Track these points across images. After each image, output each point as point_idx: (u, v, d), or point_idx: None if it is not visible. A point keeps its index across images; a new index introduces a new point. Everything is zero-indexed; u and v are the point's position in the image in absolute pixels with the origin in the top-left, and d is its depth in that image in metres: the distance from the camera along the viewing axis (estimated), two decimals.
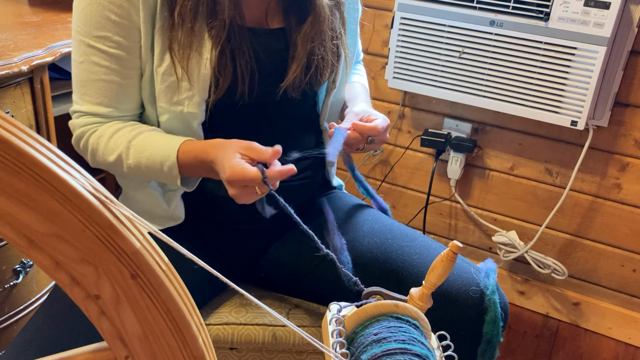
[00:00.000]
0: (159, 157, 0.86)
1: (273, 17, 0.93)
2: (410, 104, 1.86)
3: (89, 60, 0.87)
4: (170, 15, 0.84)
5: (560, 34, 1.45)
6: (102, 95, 0.88)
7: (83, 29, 0.86)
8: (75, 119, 0.92)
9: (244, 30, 0.88)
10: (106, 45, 0.85)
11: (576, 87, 1.48)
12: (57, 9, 1.48)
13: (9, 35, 1.22)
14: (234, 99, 0.89)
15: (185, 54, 0.85)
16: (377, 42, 1.83)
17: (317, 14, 0.91)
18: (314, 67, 0.94)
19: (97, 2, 0.84)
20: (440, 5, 1.59)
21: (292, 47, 0.93)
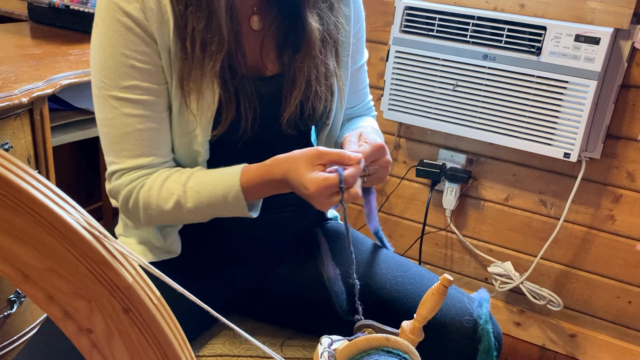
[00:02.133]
0: (221, 191, 0.85)
1: (268, 60, 0.95)
2: (405, 134, 1.88)
3: (120, 113, 0.84)
4: (181, 50, 0.84)
5: (552, 68, 1.48)
6: (141, 145, 0.85)
7: (108, 83, 0.83)
8: (116, 180, 0.88)
9: (246, 76, 0.90)
10: (136, 94, 0.84)
11: (568, 119, 1.50)
12: (58, 42, 1.51)
13: (11, 68, 1.25)
14: (236, 136, 0.90)
15: (194, 91, 0.85)
16: (373, 75, 1.86)
17: (309, 39, 0.92)
18: (310, 99, 0.95)
19: (119, 53, 0.82)
20: (434, 39, 1.62)
21: (289, 79, 0.94)
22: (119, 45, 0.82)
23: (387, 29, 1.79)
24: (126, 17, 0.81)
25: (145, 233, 0.97)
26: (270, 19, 0.94)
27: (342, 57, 1.00)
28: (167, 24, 0.84)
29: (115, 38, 0.82)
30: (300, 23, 0.93)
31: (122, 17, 0.81)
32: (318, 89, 0.95)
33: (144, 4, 0.82)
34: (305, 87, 0.93)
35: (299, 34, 0.93)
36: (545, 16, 1.52)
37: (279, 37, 0.95)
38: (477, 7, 1.59)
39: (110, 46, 0.82)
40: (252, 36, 0.93)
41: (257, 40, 0.94)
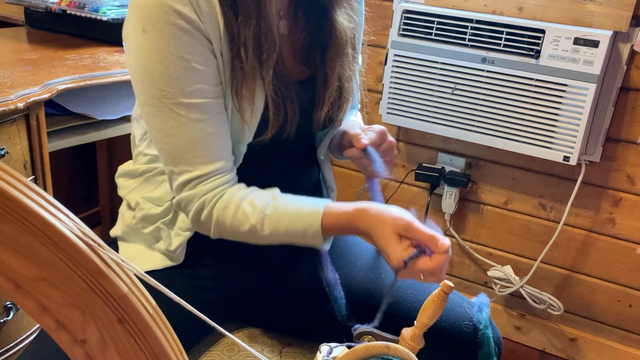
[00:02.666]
0: (300, 226, 0.84)
1: (299, 63, 0.95)
2: (404, 138, 1.87)
3: (188, 120, 0.81)
4: (235, 58, 0.83)
5: (551, 71, 1.48)
6: (214, 150, 0.84)
7: (170, 91, 0.80)
8: (190, 190, 0.85)
9: (285, 76, 0.90)
10: (201, 98, 0.81)
11: (568, 123, 1.49)
12: (55, 46, 1.50)
13: (7, 73, 1.24)
14: (278, 139, 0.90)
15: (246, 97, 0.84)
16: (372, 78, 1.85)
17: (339, 38, 0.93)
18: (341, 97, 0.95)
19: (179, 57, 0.79)
20: (432, 42, 1.62)
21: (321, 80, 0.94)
22: (177, 50, 0.79)
23: (385, 33, 1.79)
24: (182, 20, 0.78)
25: (150, 237, 0.96)
26: (296, 23, 0.95)
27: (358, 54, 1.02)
28: (218, 27, 0.82)
29: (173, 43, 0.79)
30: (327, 23, 0.93)
31: (178, 19, 0.78)
32: (347, 87, 0.96)
33: (198, 5, 0.79)
34: (338, 85, 0.94)
35: (325, 35, 0.94)
36: (544, 19, 1.52)
37: (306, 40, 0.95)
38: (476, 10, 1.59)
39: (169, 52, 0.79)
40: (282, 40, 0.92)
41: (287, 45, 0.94)
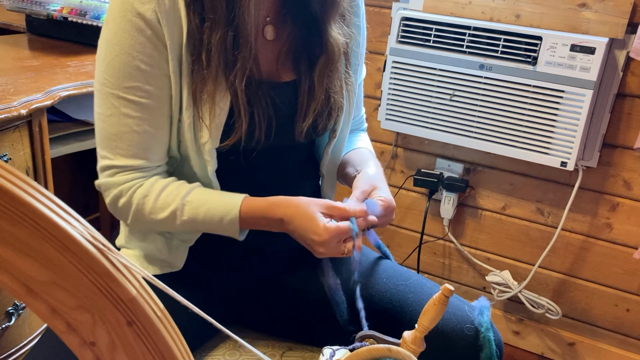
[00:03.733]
0: (219, 212, 0.86)
1: (284, 69, 0.95)
2: (402, 144, 1.88)
3: (119, 112, 0.85)
4: (195, 62, 0.84)
5: (548, 78, 1.49)
6: (135, 147, 0.86)
7: (111, 81, 0.84)
8: (109, 177, 0.88)
9: (261, 83, 0.90)
10: (137, 96, 0.84)
11: (565, 128, 1.51)
12: (56, 53, 1.51)
13: (9, 80, 1.25)
14: (250, 146, 0.91)
15: (207, 101, 0.85)
16: (370, 85, 1.87)
17: (330, 51, 0.93)
18: (327, 110, 0.95)
19: (126, 52, 0.82)
20: (431, 49, 1.63)
21: (305, 89, 0.93)
22: (126, 45, 0.82)
23: (384, 40, 1.80)
24: (138, 18, 0.81)
25: (150, 245, 0.97)
26: (284, 30, 0.94)
27: (354, 67, 1.00)
28: (180, 30, 0.84)
29: (124, 38, 0.82)
30: (317, 33, 0.93)
31: (134, 17, 0.81)
32: (336, 100, 0.95)
33: (159, 6, 0.81)
34: (324, 98, 0.94)
35: (316, 44, 0.93)
36: (541, 26, 1.54)
37: (294, 47, 0.95)
38: (473, 17, 1.61)
39: (118, 45, 0.82)
40: (267, 46, 0.93)
41: (271, 50, 0.94)
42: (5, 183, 0.39)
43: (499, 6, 1.58)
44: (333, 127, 0.99)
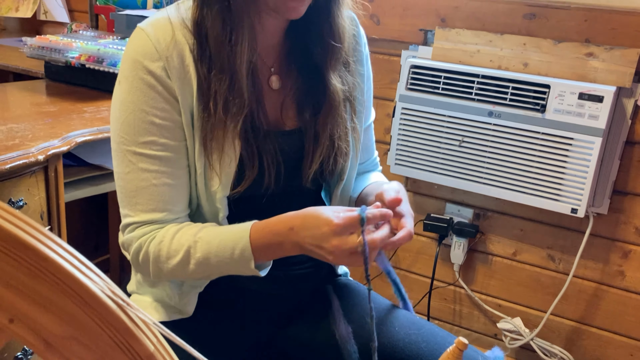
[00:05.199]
0: (231, 242, 0.85)
1: (289, 117, 0.97)
2: (412, 188, 1.89)
3: (137, 168, 0.86)
4: (204, 111, 0.86)
5: (556, 125, 1.51)
6: (155, 201, 0.87)
7: (127, 138, 0.86)
8: (130, 233, 0.89)
9: (268, 132, 0.92)
10: (153, 150, 0.85)
11: (574, 175, 1.51)
12: (73, 99, 1.55)
13: (28, 125, 1.28)
14: (260, 192, 0.92)
15: (216, 149, 0.87)
16: (380, 130, 1.89)
17: (332, 99, 0.94)
18: (332, 156, 0.97)
19: (140, 109, 0.84)
20: (440, 96, 1.65)
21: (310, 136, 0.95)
22: (140, 102, 0.85)
23: (393, 86, 1.83)
24: (149, 75, 0.84)
25: (160, 291, 0.97)
26: (289, 79, 0.97)
27: (359, 114, 1.02)
28: (190, 84, 0.86)
29: (137, 95, 0.85)
30: (320, 82, 0.95)
31: (145, 75, 0.84)
32: (340, 146, 0.97)
33: (167, 62, 0.84)
34: (329, 144, 0.95)
35: (319, 92, 0.95)
36: (549, 74, 1.56)
37: (298, 96, 0.97)
38: (482, 65, 1.63)
39: (132, 103, 0.85)
40: (272, 95, 0.95)
41: (277, 99, 0.96)
42: (27, 238, 0.40)
43: (507, 55, 1.61)
44: (340, 171, 1.01)
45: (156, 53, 0.84)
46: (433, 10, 1.72)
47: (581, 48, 1.52)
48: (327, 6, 0.91)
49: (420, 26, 1.75)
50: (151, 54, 0.84)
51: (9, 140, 1.17)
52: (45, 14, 2.58)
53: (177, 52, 0.85)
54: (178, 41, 0.85)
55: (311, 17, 0.89)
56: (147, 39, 0.85)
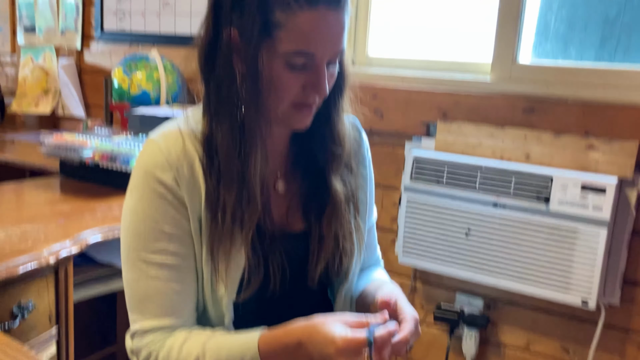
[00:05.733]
0: (239, 351, 0.85)
1: (294, 220, 0.99)
2: (421, 278, 1.88)
3: (146, 276, 0.88)
4: (212, 221, 0.88)
5: (561, 216, 1.52)
6: (163, 307, 0.88)
7: (137, 246, 0.88)
8: (138, 341, 0.89)
9: (274, 235, 0.93)
10: (162, 258, 0.87)
11: (582, 266, 1.51)
12: (86, 196, 1.59)
13: (41, 227, 1.31)
14: (265, 296, 0.93)
15: (223, 258, 0.88)
16: (386, 219, 1.91)
17: (335, 201, 0.97)
18: (337, 256, 0.98)
19: (151, 218, 0.87)
20: (444, 187, 1.68)
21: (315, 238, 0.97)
22: (150, 211, 0.87)
23: (398, 176, 1.86)
24: (160, 185, 0.87)
25: None
26: (294, 183, 0.99)
27: (362, 214, 1.04)
28: (199, 192, 0.88)
29: (148, 204, 0.87)
30: (324, 185, 0.97)
31: (157, 185, 0.87)
32: (345, 246, 0.98)
33: (178, 172, 0.87)
34: (333, 245, 0.97)
35: (324, 195, 0.97)
36: (551, 165, 1.59)
37: (303, 199, 0.99)
38: (484, 156, 1.67)
39: (143, 212, 0.87)
40: (278, 199, 0.98)
41: (282, 203, 0.98)
42: None
43: (508, 146, 1.65)
44: (345, 271, 1.02)
45: (167, 164, 0.87)
46: (434, 105, 1.78)
47: (581, 140, 1.56)
48: (328, 113, 0.95)
49: (423, 119, 1.80)
50: (162, 165, 0.87)
51: (22, 243, 1.20)
52: (63, 109, 2.69)
53: (187, 163, 0.88)
54: (188, 152, 0.89)
55: (313, 124, 0.93)
56: (158, 150, 0.88)
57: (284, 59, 0.83)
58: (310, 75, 0.85)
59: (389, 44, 2.02)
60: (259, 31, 0.82)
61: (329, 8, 0.82)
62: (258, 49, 0.83)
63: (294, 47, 0.82)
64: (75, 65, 2.66)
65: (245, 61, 0.84)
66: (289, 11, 0.81)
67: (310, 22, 0.81)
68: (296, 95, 0.87)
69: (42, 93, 2.72)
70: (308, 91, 0.87)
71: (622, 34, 1.64)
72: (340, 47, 0.86)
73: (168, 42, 2.37)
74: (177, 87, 2.18)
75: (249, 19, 0.82)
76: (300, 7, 0.81)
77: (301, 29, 0.82)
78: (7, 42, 2.91)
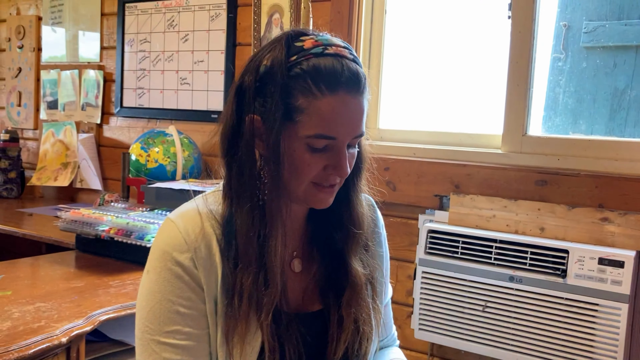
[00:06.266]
0: None
1: (311, 300, 0.98)
2: (438, 354, 1.83)
3: (160, 358, 0.86)
4: (228, 305, 0.87)
5: (579, 291, 1.49)
6: None
7: (152, 327, 0.87)
8: None
9: (290, 316, 0.92)
10: (176, 339, 0.86)
11: (605, 343, 1.46)
12: (100, 272, 1.59)
13: (54, 305, 1.31)
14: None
15: (237, 341, 0.87)
16: (402, 292, 1.88)
17: (355, 283, 0.96)
18: (357, 340, 0.96)
19: (167, 299, 0.86)
20: (459, 261, 1.67)
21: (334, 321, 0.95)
22: (166, 292, 0.86)
23: (412, 249, 1.85)
24: (177, 266, 0.86)
25: None
26: (311, 262, 0.99)
27: (379, 294, 1.03)
28: (215, 272, 0.88)
29: (164, 285, 0.87)
30: (342, 266, 0.97)
31: (174, 266, 0.86)
32: (364, 330, 0.96)
33: (195, 253, 0.87)
34: (353, 328, 0.95)
35: (341, 276, 0.97)
36: (566, 239, 1.57)
37: (320, 279, 0.98)
38: (499, 230, 1.66)
39: (159, 293, 0.87)
40: (294, 278, 0.97)
41: (299, 283, 0.97)
42: None
43: (522, 219, 1.64)
44: (364, 354, 0.99)
45: (185, 245, 0.87)
46: (447, 178, 1.79)
47: (595, 213, 1.55)
48: (347, 194, 0.96)
49: (435, 192, 1.81)
50: (180, 246, 0.87)
51: (35, 322, 1.20)
52: (81, 182, 2.75)
53: (205, 243, 0.88)
54: (206, 232, 0.89)
55: (332, 205, 0.93)
56: (177, 230, 0.88)
57: (306, 142, 0.85)
58: (331, 156, 0.87)
59: (399, 116, 2.06)
60: (281, 116, 0.84)
61: (349, 93, 0.85)
62: (280, 133, 0.85)
63: (316, 130, 0.84)
64: (94, 139, 2.74)
65: (267, 145, 0.86)
66: (311, 97, 0.83)
67: (331, 107, 0.84)
68: (317, 175, 0.88)
69: (62, 167, 2.79)
70: (329, 172, 0.88)
71: (631, 107, 1.67)
72: (360, 130, 0.88)
73: (185, 117, 2.43)
74: (193, 161, 2.23)
75: (272, 104, 0.84)
76: (321, 93, 0.83)
77: (322, 114, 0.84)
78: (31, 118, 3.01)
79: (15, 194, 2.80)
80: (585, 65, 1.73)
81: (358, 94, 0.86)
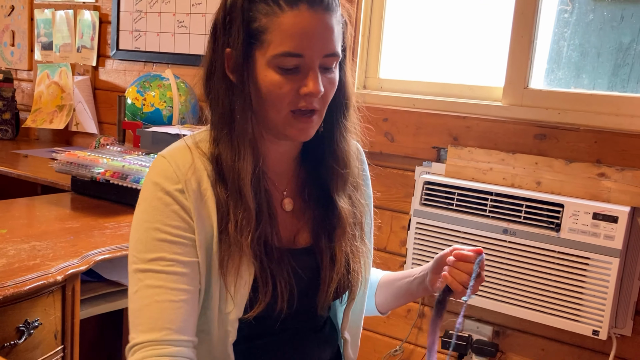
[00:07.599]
0: None
1: (302, 237, 0.99)
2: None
3: (143, 285, 0.85)
4: (221, 232, 0.88)
5: (572, 244, 1.50)
6: (154, 319, 0.84)
7: (138, 257, 0.86)
8: (131, 357, 0.84)
9: (281, 251, 0.94)
10: (160, 265, 0.85)
11: (594, 296, 1.48)
12: (96, 214, 1.60)
13: (50, 244, 1.31)
14: (271, 315, 0.92)
15: (232, 271, 0.88)
16: (395, 242, 1.90)
17: (342, 222, 0.97)
18: (348, 276, 0.98)
19: (154, 227, 0.85)
20: (454, 212, 1.67)
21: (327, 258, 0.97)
22: (154, 219, 0.86)
23: (407, 200, 1.86)
24: (166, 195, 0.86)
25: None
26: (301, 202, 1.00)
27: (367, 235, 1.05)
28: (208, 207, 0.88)
29: (152, 213, 0.86)
30: (331, 205, 0.98)
31: (163, 195, 0.86)
32: (355, 267, 0.98)
33: (186, 185, 0.87)
34: (345, 265, 0.97)
35: (331, 215, 0.98)
36: (562, 193, 1.57)
37: (311, 218, 1.00)
38: (495, 183, 1.66)
39: (146, 221, 0.87)
40: (286, 217, 0.98)
41: (290, 221, 0.99)
42: None
43: (519, 173, 1.64)
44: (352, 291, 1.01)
45: (175, 177, 0.87)
46: (445, 130, 1.78)
47: (593, 168, 1.54)
48: (331, 133, 0.96)
49: (433, 144, 1.80)
50: (170, 177, 0.87)
51: (31, 260, 1.21)
52: (77, 125, 2.72)
53: (195, 177, 0.88)
54: (197, 167, 0.89)
55: (319, 145, 0.95)
56: (167, 164, 0.89)
57: (275, 63, 0.85)
58: (304, 77, 0.86)
59: (400, 66, 2.03)
60: (245, 39, 0.85)
61: (311, 7, 0.84)
62: (247, 57, 0.86)
63: (281, 49, 0.84)
64: (90, 82, 2.70)
65: (236, 71, 0.87)
66: (272, 14, 0.84)
67: (293, 21, 0.83)
68: (292, 100, 0.87)
69: (57, 109, 2.75)
70: (304, 93, 0.87)
71: (635, 62, 1.64)
72: (330, 49, 0.87)
73: (182, 61, 2.39)
74: (189, 107, 2.20)
75: (235, 29, 0.85)
76: (281, 9, 0.83)
77: (285, 30, 0.83)
78: (25, 59, 2.96)
79: (10, 136, 2.77)
80: (592, 18, 1.70)
81: (322, 9, 0.85)
